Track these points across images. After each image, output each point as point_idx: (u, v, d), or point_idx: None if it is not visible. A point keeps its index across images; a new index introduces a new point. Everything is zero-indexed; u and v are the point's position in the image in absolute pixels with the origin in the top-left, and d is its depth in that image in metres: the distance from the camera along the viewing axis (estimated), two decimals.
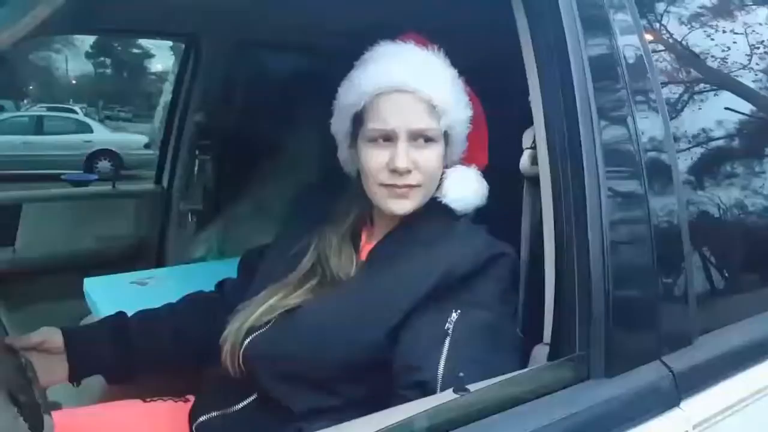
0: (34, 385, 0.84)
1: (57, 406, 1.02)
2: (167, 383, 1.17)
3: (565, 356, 0.81)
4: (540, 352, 0.85)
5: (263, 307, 0.95)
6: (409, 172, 0.92)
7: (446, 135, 0.96)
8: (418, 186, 0.93)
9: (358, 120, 0.97)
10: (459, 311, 0.84)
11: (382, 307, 0.88)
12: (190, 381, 1.12)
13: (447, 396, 0.72)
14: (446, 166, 0.98)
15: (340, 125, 1.02)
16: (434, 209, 0.97)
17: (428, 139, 0.93)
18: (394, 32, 1.01)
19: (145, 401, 1.11)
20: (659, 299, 0.89)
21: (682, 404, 0.87)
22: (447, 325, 0.83)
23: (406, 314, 0.86)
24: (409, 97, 0.92)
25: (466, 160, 1.02)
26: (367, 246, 1.01)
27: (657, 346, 0.89)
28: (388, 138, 0.92)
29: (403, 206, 0.94)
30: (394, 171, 0.91)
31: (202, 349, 1.02)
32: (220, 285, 1.18)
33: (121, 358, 1.05)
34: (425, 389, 0.79)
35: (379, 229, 1.00)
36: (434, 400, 0.73)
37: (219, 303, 1.11)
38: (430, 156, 0.93)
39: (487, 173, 1.01)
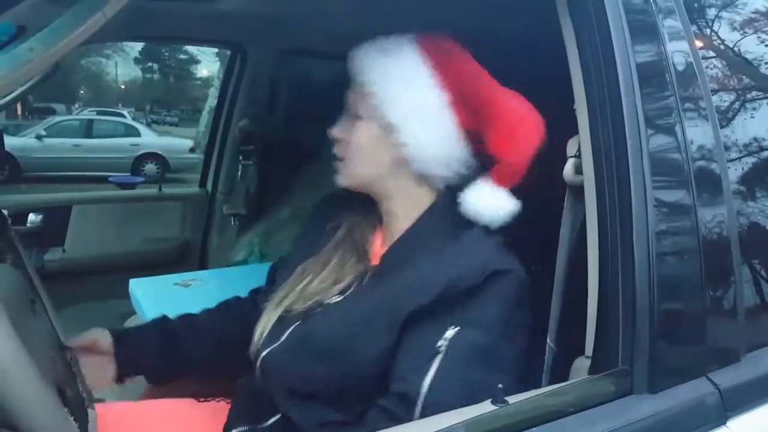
0: (78, 379, 0.87)
1: (100, 399, 1.05)
2: (207, 384, 1.19)
3: (608, 370, 0.80)
4: (581, 365, 0.83)
5: (300, 286, 0.99)
6: (338, 141, 1.00)
7: (386, 121, 0.93)
8: (342, 159, 0.99)
9: None
10: (457, 328, 0.82)
11: (385, 317, 0.86)
12: (230, 382, 1.14)
13: (486, 407, 0.72)
14: (397, 162, 0.95)
15: None
16: (444, 216, 0.95)
17: (357, 116, 0.97)
18: None
19: (198, 401, 1.14)
20: (707, 313, 0.87)
21: (729, 423, 0.84)
22: (441, 341, 0.81)
23: (404, 324, 0.85)
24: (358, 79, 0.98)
25: (496, 177, 0.93)
26: (380, 251, 1.00)
27: (703, 362, 0.87)
28: None
29: (337, 178, 1.01)
30: None
31: (241, 354, 1.04)
32: (254, 292, 1.20)
33: (165, 360, 1.07)
34: (405, 400, 0.79)
35: (390, 234, 1.00)
36: (473, 411, 0.72)
37: (253, 308, 1.12)
38: (355, 132, 0.97)
39: (527, 181, 0.99)
